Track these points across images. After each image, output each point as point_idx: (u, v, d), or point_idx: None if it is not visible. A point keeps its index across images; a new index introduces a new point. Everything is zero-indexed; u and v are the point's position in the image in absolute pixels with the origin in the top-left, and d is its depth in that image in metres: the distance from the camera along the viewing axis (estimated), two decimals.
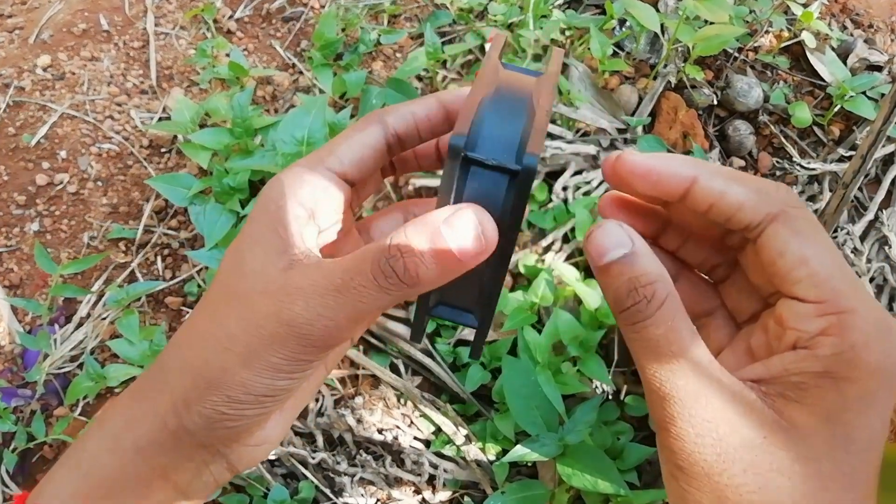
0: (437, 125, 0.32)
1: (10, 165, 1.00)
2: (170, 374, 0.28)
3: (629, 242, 0.25)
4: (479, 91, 0.28)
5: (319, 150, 0.31)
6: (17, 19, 1.15)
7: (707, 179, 0.26)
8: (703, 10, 0.93)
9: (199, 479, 0.30)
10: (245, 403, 0.27)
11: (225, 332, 0.27)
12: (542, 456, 0.78)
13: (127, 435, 0.28)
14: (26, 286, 0.94)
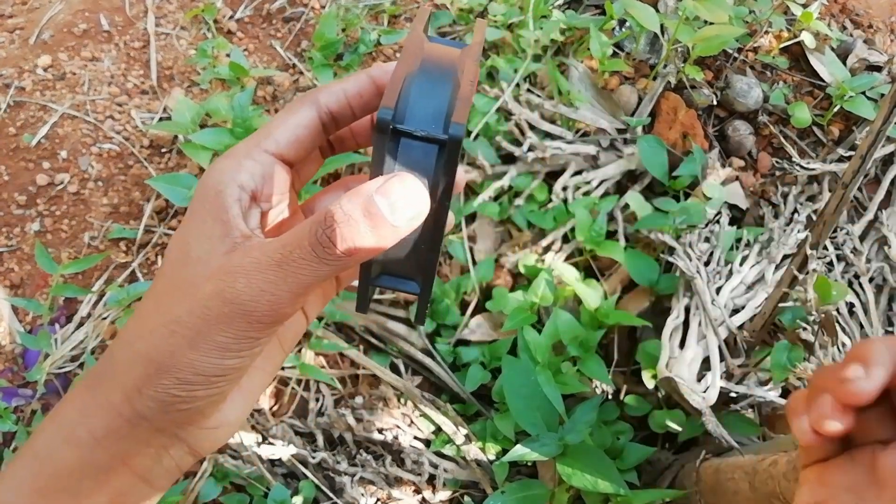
0: (369, 101, 0.32)
1: (11, 165, 1.00)
2: (119, 364, 0.29)
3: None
4: (404, 64, 0.28)
5: (255, 134, 0.31)
6: (18, 19, 1.15)
7: None
8: (703, 11, 0.93)
9: (160, 464, 0.30)
10: (195, 385, 0.28)
11: (171, 317, 0.28)
12: (541, 456, 0.78)
13: (82, 425, 0.29)
14: (27, 286, 0.94)
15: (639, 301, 0.96)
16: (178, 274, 0.29)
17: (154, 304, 0.29)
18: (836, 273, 0.97)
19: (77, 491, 0.29)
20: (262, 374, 0.33)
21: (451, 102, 0.27)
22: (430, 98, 0.28)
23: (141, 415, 0.28)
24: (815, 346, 0.79)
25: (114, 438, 0.28)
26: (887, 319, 0.96)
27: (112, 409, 0.28)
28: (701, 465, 0.75)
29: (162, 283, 0.29)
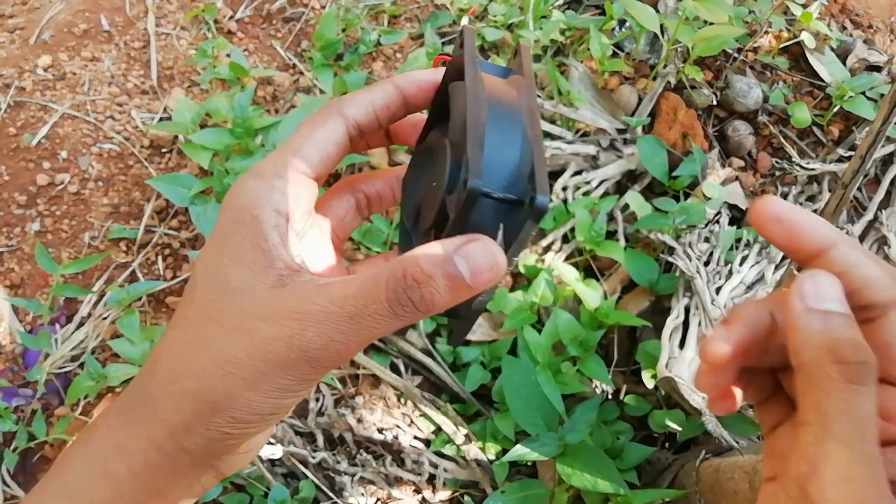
0: (395, 112, 0.32)
1: (11, 165, 1.01)
2: (163, 401, 0.28)
3: (846, 306, 0.25)
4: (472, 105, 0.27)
5: (283, 149, 0.30)
6: (18, 19, 1.15)
7: (846, 248, 0.26)
8: (703, 11, 0.93)
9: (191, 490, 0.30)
10: (250, 423, 0.27)
11: (225, 357, 0.27)
12: (541, 455, 0.78)
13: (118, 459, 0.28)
14: (27, 286, 0.94)
15: (639, 301, 0.96)
16: (218, 306, 0.28)
17: (196, 337, 0.28)
18: None
19: None
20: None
21: (528, 157, 0.27)
22: (506, 152, 0.27)
23: (185, 450, 0.27)
24: None
25: (153, 473, 0.28)
26: None
27: (152, 444, 0.27)
28: (701, 465, 0.75)
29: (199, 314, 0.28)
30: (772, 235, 0.27)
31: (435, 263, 0.26)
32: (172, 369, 0.28)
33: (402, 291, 0.26)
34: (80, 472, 0.28)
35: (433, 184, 0.29)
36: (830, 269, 0.26)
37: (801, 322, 0.25)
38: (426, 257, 0.26)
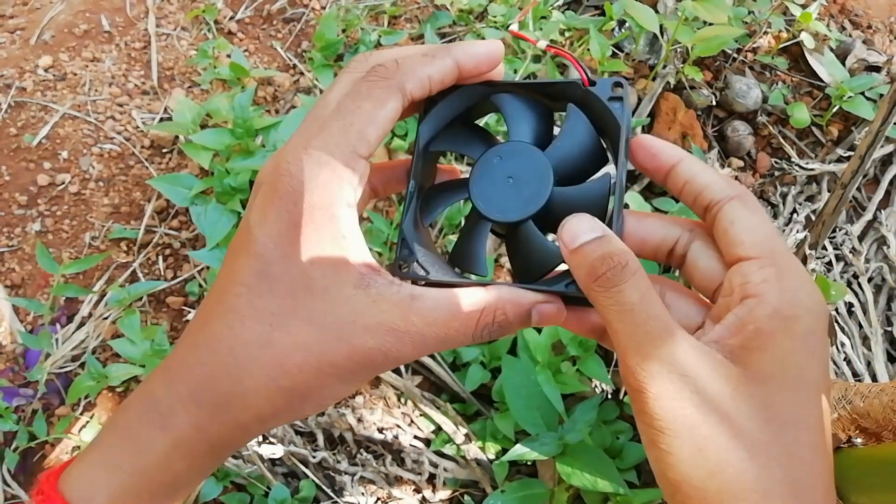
0: (447, 84, 0.32)
1: (12, 165, 1.01)
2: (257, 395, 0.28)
3: (601, 229, 0.29)
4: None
5: (343, 130, 0.29)
6: (19, 20, 1.15)
7: (689, 162, 0.32)
8: (702, 11, 0.93)
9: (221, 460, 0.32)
10: (325, 407, 0.31)
11: (325, 360, 0.28)
12: (541, 455, 0.78)
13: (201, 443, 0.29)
14: (28, 286, 0.94)
15: None
16: (305, 304, 0.28)
17: (287, 335, 0.28)
18: (835, 273, 0.97)
19: (175, 495, 0.30)
20: None
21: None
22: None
23: (263, 431, 0.30)
24: None
25: (228, 451, 0.30)
26: (886, 319, 0.96)
27: (239, 428, 0.29)
28: None
29: (285, 311, 0.28)
30: (638, 160, 0.32)
31: (517, 312, 0.30)
32: (266, 366, 0.28)
33: (486, 329, 0.30)
34: (165, 455, 0.29)
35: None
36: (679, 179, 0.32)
37: (571, 265, 0.29)
38: (512, 305, 0.30)
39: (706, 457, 0.26)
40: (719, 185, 0.31)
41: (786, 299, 0.27)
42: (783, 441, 0.26)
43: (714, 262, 0.31)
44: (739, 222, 0.29)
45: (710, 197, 0.31)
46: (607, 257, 0.28)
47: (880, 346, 0.90)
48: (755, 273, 0.28)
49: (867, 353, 0.89)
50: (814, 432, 0.27)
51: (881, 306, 0.97)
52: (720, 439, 0.26)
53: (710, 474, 0.26)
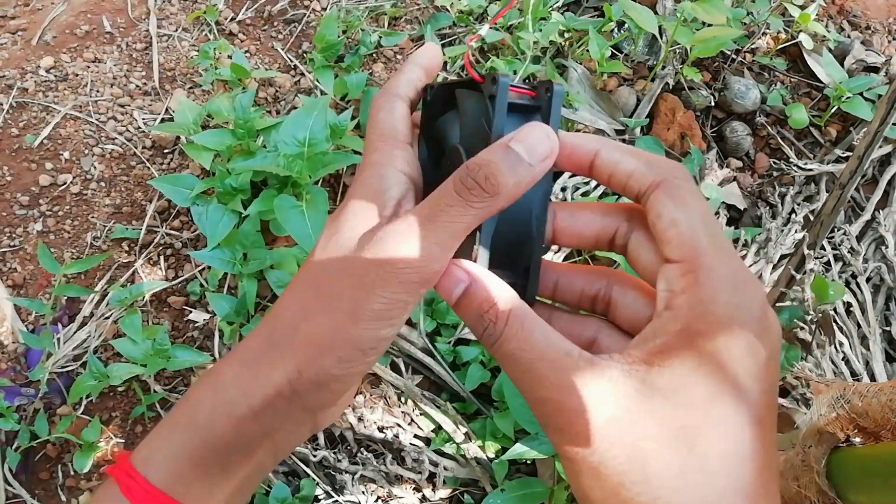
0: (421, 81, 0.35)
1: (14, 166, 1.01)
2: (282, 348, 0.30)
3: (466, 278, 0.29)
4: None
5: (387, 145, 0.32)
6: (21, 21, 1.16)
7: (607, 151, 0.30)
8: (701, 13, 0.94)
9: (292, 438, 0.32)
10: (352, 361, 0.29)
11: (330, 294, 0.29)
12: (541, 454, 0.78)
13: (242, 401, 0.30)
14: (30, 286, 0.95)
15: None
16: (330, 252, 0.31)
17: (313, 285, 0.31)
18: (833, 273, 0.97)
19: (227, 462, 0.31)
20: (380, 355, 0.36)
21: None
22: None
23: (298, 394, 0.30)
24: (812, 346, 0.80)
25: (270, 414, 0.30)
26: (884, 319, 0.97)
27: (273, 387, 0.30)
28: None
29: (317, 263, 0.31)
30: (558, 163, 0.31)
31: (493, 149, 0.29)
32: (291, 317, 0.31)
33: (466, 176, 0.28)
34: (209, 412, 0.31)
35: None
36: (602, 172, 0.30)
37: None
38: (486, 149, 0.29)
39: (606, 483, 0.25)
40: (640, 171, 0.29)
41: (697, 314, 0.26)
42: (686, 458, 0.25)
43: (653, 254, 0.29)
44: (664, 217, 0.28)
45: (636, 186, 0.29)
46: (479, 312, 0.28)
47: (878, 346, 0.90)
48: (676, 281, 0.27)
49: (865, 353, 0.89)
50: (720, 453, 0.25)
51: (879, 306, 0.97)
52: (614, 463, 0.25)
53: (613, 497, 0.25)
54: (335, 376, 0.30)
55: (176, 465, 0.30)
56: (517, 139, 0.29)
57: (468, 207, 0.28)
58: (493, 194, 0.28)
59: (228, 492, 0.32)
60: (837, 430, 0.52)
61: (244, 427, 0.30)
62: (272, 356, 0.31)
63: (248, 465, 0.32)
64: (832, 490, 0.51)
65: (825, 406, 0.52)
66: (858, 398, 0.51)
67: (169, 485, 0.30)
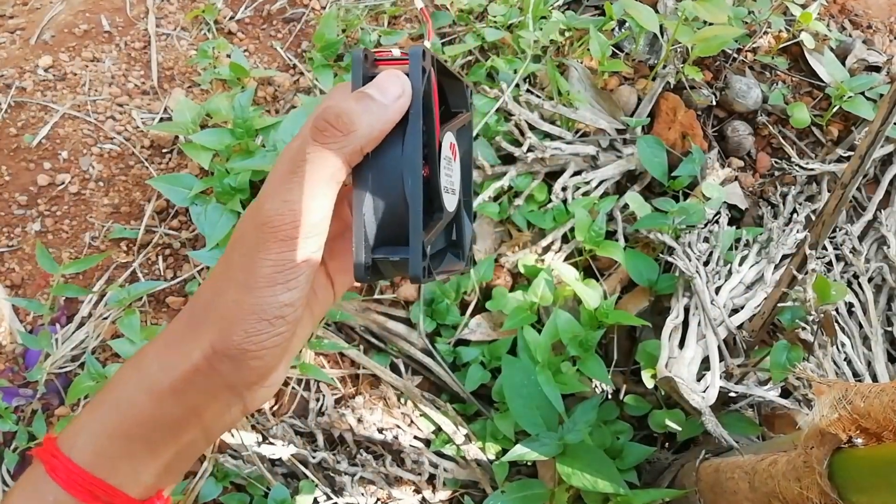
0: None
1: (12, 166, 1.01)
2: (198, 326, 0.31)
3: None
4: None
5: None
6: (19, 20, 1.15)
7: None
8: (702, 12, 0.93)
9: (222, 419, 0.33)
10: (261, 332, 0.30)
11: (230, 267, 0.31)
12: (541, 455, 0.78)
13: (163, 378, 0.31)
14: (28, 286, 0.94)
15: (638, 301, 0.96)
16: (237, 227, 0.33)
17: (224, 260, 0.32)
18: (835, 273, 0.97)
19: (152, 440, 0.31)
20: (297, 339, 0.35)
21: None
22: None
23: (217, 371, 0.31)
24: (814, 346, 0.79)
25: (191, 392, 0.31)
26: (886, 319, 0.96)
27: (191, 364, 0.31)
28: (700, 465, 0.75)
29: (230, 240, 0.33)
30: None
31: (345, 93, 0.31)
32: (208, 295, 0.32)
33: (319, 119, 0.29)
34: (131, 389, 0.32)
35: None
36: None
37: None
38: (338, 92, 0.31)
39: None
40: None
41: None
42: None
43: None
44: None
45: None
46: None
47: (881, 347, 0.90)
48: None
49: (867, 354, 0.88)
50: None
51: (881, 306, 0.97)
52: None
53: None
54: (246, 350, 0.30)
55: (99, 444, 0.31)
56: (369, 85, 0.31)
57: (325, 150, 0.29)
58: (346, 132, 0.29)
59: (156, 470, 0.32)
60: (839, 431, 0.51)
61: (165, 404, 0.31)
62: (191, 334, 0.31)
63: (174, 444, 0.32)
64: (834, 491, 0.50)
65: (827, 407, 0.52)
66: (860, 399, 0.50)
67: (93, 464, 0.30)
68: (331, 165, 0.29)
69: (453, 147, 0.37)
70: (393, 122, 0.31)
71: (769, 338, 0.90)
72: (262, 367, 0.31)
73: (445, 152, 0.34)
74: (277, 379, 0.34)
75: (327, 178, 0.29)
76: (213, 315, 0.31)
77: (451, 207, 0.35)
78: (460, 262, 0.38)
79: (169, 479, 0.33)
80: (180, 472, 0.34)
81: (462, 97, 0.40)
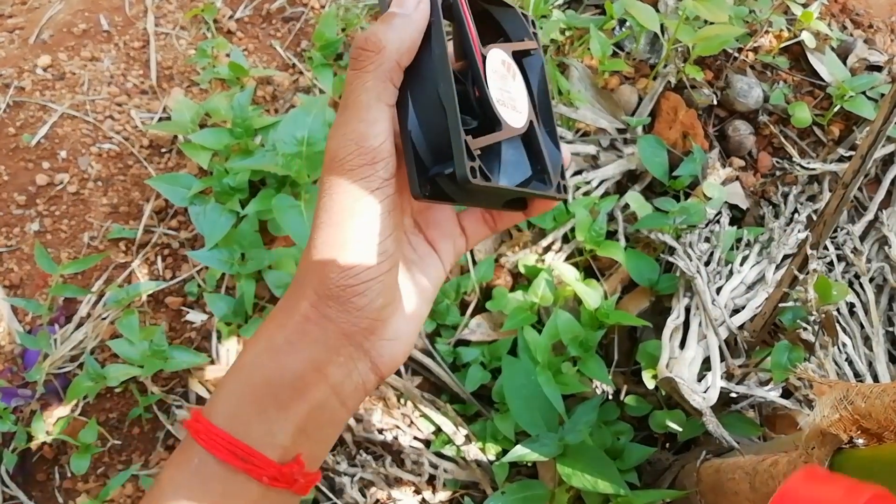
0: None
1: (11, 165, 1.00)
2: (304, 278, 0.33)
3: None
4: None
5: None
6: (18, 19, 1.15)
7: None
8: (703, 11, 0.93)
9: (350, 378, 0.33)
10: (357, 266, 0.31)
11: (315, 219, 0.32)
12: (542, 456, 0.78)
13: (278, 335, 0.32)
14: (26, 286, 0.94)
15: (639, 301, 0.96)
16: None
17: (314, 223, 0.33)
18: (836, 273, 0.97)
19: (279, 398, 0.32)
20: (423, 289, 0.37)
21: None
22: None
23: (327, 317, 0.31)
24: (815, 346, 0.79)
25: (308, 342, 0.32)
26: (888, 319, 0.96)
27: (302, 316, 0.32)
28: (701, 466, 0.75)
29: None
30: None
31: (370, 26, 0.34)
32: (305, 257, 0.33)
33: (354, 49, 0.31)
34: (253, 352, 0.33)
35: None
36: None
37: None
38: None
39: None
40: None
41: None
42: None
43: None
44: None
45: None
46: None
47: (882, 347, 0.89)
48: None
49: (869, 354, 0.88)
50: None
51: (883, 306, 0.96)
52: None
53: None
54: (346, 287, 0.31)
55: (233, 406, 0.32)
56: (390, 5, 0.32)
57: (365, 74, 0.30)
58: (377, 51, 0.30)
59: (290, 431, 0.32)
60: (840, 432, 0.51)
61: (284, 359, 0.32)
62: (297, 290, 0.33)
63: (303, 403, 0.32)
64: None
65: (828, 407, 0.52)
66: (862, 399, 0.50)
67: (229, 425, 0.31)
68: (375, 87, 0.30)
69: (507, 65, 0.35)
70: (419, 30, 0.31)
71: (770, 338, 0.90)
72: (368, 307, 0.32)
73: (495, 66, 0.34)
74: (400, 332, 0.34)
75: (375, 100, 0.30)
76: (310, 265, 0.32)
77: (513, 123, 0.34)
78: (549, 187, 0.36)
79: (307, 444, 0.33)
80: (320, 440, 0.34)
81: (521, 26, 0.39)
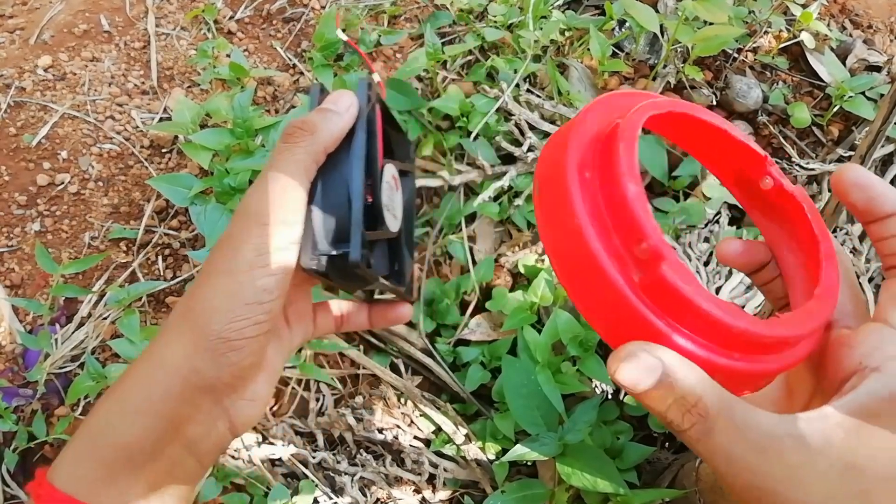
0: None
1: (11, 165, 1.01)
2: (180, 328, 0.32)
3: (658, 364, 0.24)
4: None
5: None
6: (18, 20, 1.15)
7: None
8: (703, 11, 0.93)
9: (209, 437, 0.32)
10: (241, 318, 0.31)
11: (210, 263, 0.33)
12: (541, 455, 0.78)
13: (137, 393, 0.31)
14: (27, 286, 0.94)
15: None
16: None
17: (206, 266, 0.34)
18: None
19: (133, 463, 0.31)
20: (278, 357, 0.37)
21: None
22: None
23: (196, 370, 0.31)
24: None
25: (169, 401, 0.31)
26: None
27: (172, 371, 0.31)
28: (701, 465, 0.75)
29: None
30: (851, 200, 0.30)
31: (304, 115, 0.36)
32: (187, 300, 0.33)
33: (289, 126, 0.35)
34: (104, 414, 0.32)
35: None
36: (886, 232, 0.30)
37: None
38: None
39: None
40: None
41: None
42: None
43: None
44: None
45: None
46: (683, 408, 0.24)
47: None
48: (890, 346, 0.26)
49: None
50: None
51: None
52: None
53: None
54: (226, 340, 0.30)
55: (79, 469, 0.30)
56: (324, 101, 0.36)
57: (296, 147, 0.33)
58: (311, 132, 0.34)
59: (143, 493, 0.31)
60: None
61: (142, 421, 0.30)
62: (171, 335, 0.32)
63: (157, 464, 0.31)
64: None
65: None
66: None
67: (74, 488, 0.30)
68: (304, 160, 0.33)
69: (395, 180, 0.41)
70: (346, 127, 0.35)
71: None
72: (239, 364, 0.31)
73: (387, 178, 0.39)
74: (258, 394, 0.34)
75: (300, 172, 0.33)
76: (194, 309, 0.31)
77: (392, 227, 0.39)
78: (401, 287, 0.41)
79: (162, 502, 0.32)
80: (177, 496, 0.33)
81: (406, 151, 0.45)
